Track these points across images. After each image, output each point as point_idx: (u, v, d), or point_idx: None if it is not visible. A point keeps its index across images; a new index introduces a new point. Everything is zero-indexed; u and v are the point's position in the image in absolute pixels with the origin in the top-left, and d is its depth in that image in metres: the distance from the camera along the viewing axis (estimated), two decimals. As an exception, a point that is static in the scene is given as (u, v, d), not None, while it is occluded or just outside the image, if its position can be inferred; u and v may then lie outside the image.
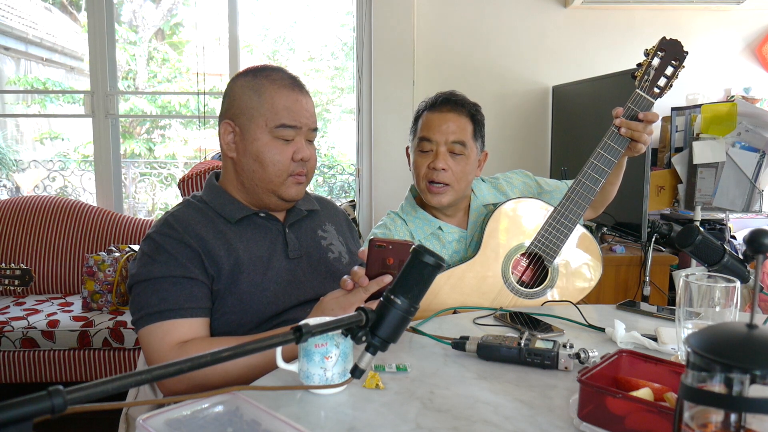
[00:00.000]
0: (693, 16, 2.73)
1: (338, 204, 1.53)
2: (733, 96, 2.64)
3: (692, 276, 0.85)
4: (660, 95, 1.28)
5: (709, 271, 1.06)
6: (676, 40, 1.29)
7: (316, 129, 1.11)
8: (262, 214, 1.11)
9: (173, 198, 4.52)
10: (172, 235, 1.02)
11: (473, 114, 1.39)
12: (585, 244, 1.38)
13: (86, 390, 0.46)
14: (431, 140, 1.36)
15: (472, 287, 1.34)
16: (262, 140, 1.05)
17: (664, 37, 1.30)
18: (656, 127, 2.50)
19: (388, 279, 0.91)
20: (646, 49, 1.31)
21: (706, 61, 2.74)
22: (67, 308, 2.39)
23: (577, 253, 1.38)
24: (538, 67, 2.76)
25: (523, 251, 1.35)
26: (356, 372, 0.72)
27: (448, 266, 1.35)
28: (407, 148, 1.48)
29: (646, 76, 1.28)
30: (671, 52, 1.28)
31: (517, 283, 1.35)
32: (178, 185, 2.45)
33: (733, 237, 2.35)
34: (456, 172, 1.36)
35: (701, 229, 1.06)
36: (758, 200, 2.18)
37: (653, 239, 2.01)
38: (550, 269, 1.35)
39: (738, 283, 0.83)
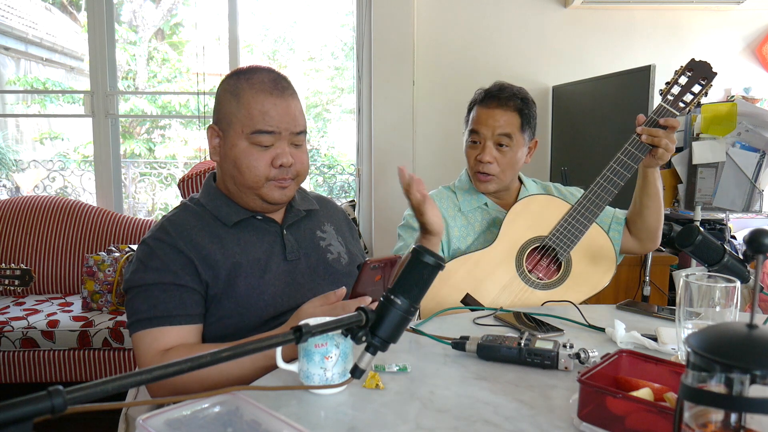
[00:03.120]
0: (693, 16, 2.73)
1: (338, 204, 1.53)
2: (733, 96, 2.64)
3: (692, 276, 0.85)
4: (685, 110, 1.32)
5: (709, 271, 1.06)
6: (706, 61, 1.32)
7: (302, 132, 1.07)
8: (259, 217, 1.10)
9: (173, 198, 4.51)
10: (166, 240, 1.02)
11: (521, 108, 1.46)
12: (599, 243, 1.41)
13: (86, 390, 0.46)
14: (479, 133, 1.44)
15: (486, 273, 1.37)
16: (239, 147, 1.03)
17: (693, 59, 1.33)
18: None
19: (368, 300, 0.91)
20: (675, 69, 1.35)
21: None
22: (67, 308, 2.39)
23: (592, 251, 1.40)
24: (538, 67, 2.76)
25: (538, 244, 1.39)
26: (356, 372, 0.71)
27: (475, 248, 1.41)
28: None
29: (672, 92, 1.32)
30: (699, 72, 1.32)
31: (531, 274, 1.38)
32: (178, 185, 2.45)
33: (733, 237, 2.35)
34: (502, 163, 1.45)
35: (701, 229, 1.06)
36: (758, 200, 2.18)
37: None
38: (563, 263, 1.38)
39: (738, 283, 0.83)
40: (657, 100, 2.06)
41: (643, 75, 2.05)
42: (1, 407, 0.41)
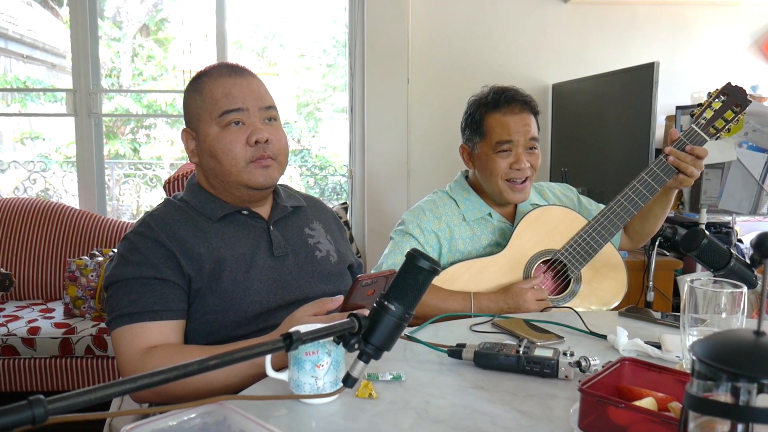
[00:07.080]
0: (698, 11, 2.70)
1: (330, 206, 1.50)
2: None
3: (697, 281, 0.84)
4: (715, 135, 1.31)
5: (714, 276, 1.06)
6: (741, 87, 1.32)
7: (271, 107, 1.08)
8: (245, 212, 1.10)
9: (159, 200, 4.45)
10: (148, 234, 1.02)
11: (536, 110, 1.43)
12: (612, 263, 1.39)
13: (68, 400, 0.45)
14: (512, 141, 1.38)
15: (491, 281, 1.35)
16: (212, 134, 1.04)
17: (729, 83, 1.33)
18: (659, 127, 2.48)
19: (366, 312, 0.89)
20: (709, 92, 1.34)
21: (712, 58, 2.72)
22: (48, 315, 2.34)
23: (603, 271, 1.38)
24: (537, 64, 2.73)
25: (549, 258, 1.36)
26: (348, 381, 0.70)
27: (484, 254, 1.39)
28: (462, 148, 1.47)
29: (704, 115, 1.32)
30: (734, 98, 1.31)
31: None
32: (164, 187, 2.40)
33: (740, 241, 2.33)
34: (535, 166, 1.41)
35: (706, 232, 1.05)
36: (766, 202, 2.15)
37: (657, 243, 1.99)
38: (572, 280, 1.36)
39: (745, 289, 0.82)
40: (659, 99, 2.04)
41: (646, 72, 2.01)
42: (-23, 419, 0.40)
